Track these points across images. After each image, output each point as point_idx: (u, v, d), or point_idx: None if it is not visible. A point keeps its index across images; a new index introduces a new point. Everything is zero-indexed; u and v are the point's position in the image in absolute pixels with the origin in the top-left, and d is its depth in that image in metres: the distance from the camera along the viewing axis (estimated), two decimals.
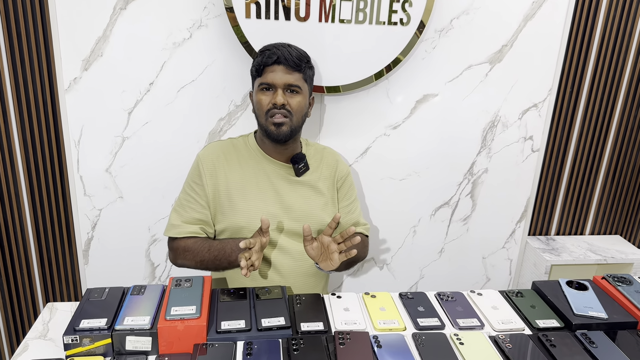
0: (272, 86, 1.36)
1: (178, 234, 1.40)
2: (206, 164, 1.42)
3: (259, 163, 1.44)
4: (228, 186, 1.41)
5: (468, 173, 1.94)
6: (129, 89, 1.66)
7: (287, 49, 1.37)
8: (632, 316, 1.21)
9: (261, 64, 1.36)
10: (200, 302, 1.12)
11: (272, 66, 1.35)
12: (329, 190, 1.50)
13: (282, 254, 1.43)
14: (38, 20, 1.58)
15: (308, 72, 1.41)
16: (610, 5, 1.82)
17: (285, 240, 1.44)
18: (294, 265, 1.44)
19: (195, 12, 1.61)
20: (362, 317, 1.19)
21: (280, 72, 1.35)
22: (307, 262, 1.46)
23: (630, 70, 1.92)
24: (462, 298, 1.29)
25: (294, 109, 1.37)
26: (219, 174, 1.41)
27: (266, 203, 1.42)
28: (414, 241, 2.02)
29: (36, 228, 1.81)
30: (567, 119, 1.97)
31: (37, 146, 1.72)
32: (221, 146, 1.46)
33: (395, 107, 1.81)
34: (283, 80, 1.35)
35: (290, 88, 1.37)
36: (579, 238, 2.17)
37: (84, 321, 1.07)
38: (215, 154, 1.43)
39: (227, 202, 1.41)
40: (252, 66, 1.40)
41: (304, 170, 1.46)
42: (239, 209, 1.40)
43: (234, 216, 1.40)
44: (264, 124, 1.38)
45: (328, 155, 1.54)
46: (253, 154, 1.45)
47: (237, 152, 1.45)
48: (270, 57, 1.34)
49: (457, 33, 1.74)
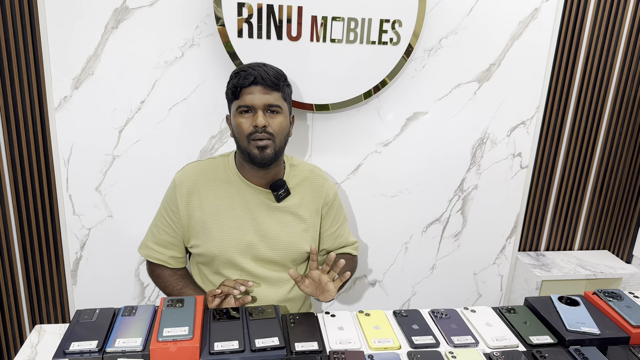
0: (251, 108, 1.30)
1: (147, 257, 1.46)
2: (182, 190, 1.38)
3: (237, 188, 1.39)
4: (203, 212, 1.37)
5: (458, 189, 1.96)
6: (119, 107, 1.66)
7: (262, 68, 1.31)
8: (623, 331, 1.22)
9: (237, 86, 1.30)
10: (193, 322, 1.10)
11: (249, 87, 1.29)
12: (311, 215, 1.45)
13: (257, 282, 1.42)
14: (28, 38, 1.58)
15: (287, 90, 1.36)
16: (595, 24, 1.87)
17: (259, 269, 1.41)
18: (268, 292, 1.42)
19: (187, 31, 1.61)
20: (357, 335, 1.18)
21: (258, 93, 1.29)
22: (283, 288, 1.45)
23: (614, 87, 1.97)
24: (455, 315, 1.29)
25: (275, 130, 1.31)
26: (193, 199, 1.38)
27: (241, 231, 1.38)
28: (406, 258, 2.02)
29: (23, 247, 1.78)
30: (554, 136, 2.00)
31: (26, 165, 1.70)
32: (198, 168, 1.41)
33: (386, 124, 1.82)
34: (262, 101, 1.29)
35: (270, 108, 1.31)
36: (568, 253, 2.18)
37: (74, 344, 1.05)
38: (192, 177, 1.39)
39: (202, 228, 1.38)
40: (227, 89, 1.34)
41: (285, 195, 1.40)
42: (212, 236, 1.37)
43: (207, 244, 1.38)
44: (246, 147, 1.31)
45: (314, 177, 1.48)
46: (231, 178, 1.40)
47: (214, 176, 1.40)
48: (246, 78, 1.28)
49: (446, 52, 1.77)
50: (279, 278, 1.44)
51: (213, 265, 1.42)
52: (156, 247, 1.44)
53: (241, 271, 1.40)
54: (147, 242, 1.46)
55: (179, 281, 1.43)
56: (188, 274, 1.49)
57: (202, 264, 1.45)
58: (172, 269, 1.46)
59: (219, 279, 1.42)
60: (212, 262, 1.41)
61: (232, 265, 1.40)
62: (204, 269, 1.46)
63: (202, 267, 1.46)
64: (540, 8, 1.77)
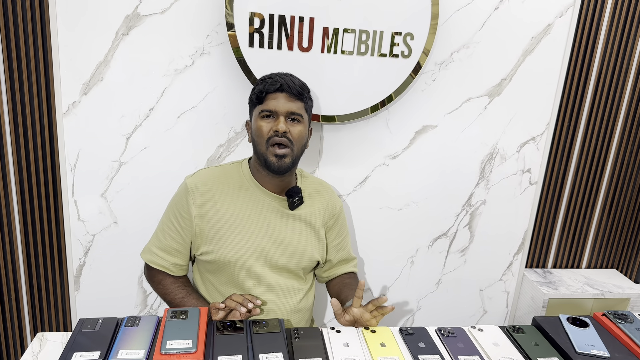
0: (274, 113, 1.33)
1: (151, 263, 1.43)
2: (195, 195, 1.37)
3: (253, 194, 1.39)
4: (218, 218, 1.36)
5: (466, 204, 1.94)
6: (128, 114, 1.65)
7: (289, 77, 1.35)
8: (634, 355, 1.19)
9: (263, 91, 1.33)
10: (197, 335, 1.08)
11: (274, 93, 1.32)
12: (321, 225, 1.46)
13: (269, 291, 1.40)
14: (39, 43, 1.58)
15: (309, 103, 1.40)
16: (608, 41, 1.86)
17: (273, 276, 1.40)
18: (279, 303, 1.41)
19: (198, 40, 1.61)
20: (362, 353, 1.16)
21: (282, 100, 1.32)
22: (293, 298, 1.43)
23: (627, 105, 1.95)
24: (462, 334, 1.27)
25: (295, 137, 1.34)
26: (208, 205, 1.37)
27: (257, 237, 1.37)
28: (411, 272, 2.00)
29: (27, 252, 1.77)
30: (564, 153, 1.99)
31: (32, 169, 1.69)
32: (212, 174, 1.41)
33: (395, 137, 1.81)
34: (285, 108, 1.32)
35: (292, 116, 1.34)
36: (575, 271, 2.16)
37: (76, 354, 1.03)
38: (205, 183, 1.38)
39: (215, 234, 1.36)
40: (252, 93, 1.37)
41: (298, 204, 1.41)
42: (227, 242, 1.36)
43: (221, 250, 1.36)
44: (264, 153, 1.33)
45: (323, 189, 1.50)
46: (246, 184, 1.40)
47: (228, 182, 1.40)
48: (273, 85, 1.32)
49: (457, 66, 1.76)
50: (290, 287, 1.43)
51: (224, 274, 1.39)
52: (160, 253, 1.42)
53: (255, 279, 1.38)
54: (151, 247, 1.44)
55: (180, 289, 1.41)
56: (189, 282, 1.47)
57: (210, 272, 1.42)
58: (173, 276, 1.44)
59: (229, 289, 1.40)
60: (223, 270, 1.39)
61: (247, 272, 1.38)
62: (212, 279, 1.43)
63: (210, 276, 1.43)
64: (553, 24, 1.76)
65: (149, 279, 1.48)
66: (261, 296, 1.39)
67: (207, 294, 1.45)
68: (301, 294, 1.46)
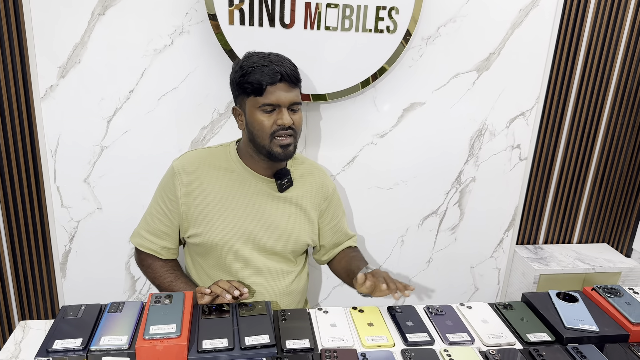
0: (276, 106, 1.26)
1: (139, 246, 1.42)
2: (181, 177, 1.34)
3: (240, 176, 1.36)
4: (204, 200, 1.34)
5: (456, 182, 1.92)
6: (107, 97, 1.61)
7: (283, 62, 1.26)
8: (623, 329, 1.19)
9: (262, 83, 1.23)
10: (181, 320, 1.07)
11: (274, 85, 1.24)
12: (312, 209, 1.44)
13: (257, 274, 1.39)
14: (12, 25, 1.53)
15: (300, 84, 1.34)
16: (597, 13, 1.82)
17: (260, 259, 1.38)
18: (268, 286, 1.40)
19: (177, 18, 1.56)
20: (350, 333, 1.15)
21: (283, 91, 1.25)
22: (283, 281, 1.42)
23: (617, 77, 1.93)
24: (451, 311, 1.26)
25: (297, 125, 1.30)
26: (194, 187, 1.34)
27: (244, 220, 1.35)
28: (402, 251, 1.99)
29: (11, 241, 1.74)
30: (554, 127, 1.96)
31: (12, 156, 1.65)
32: (199, 156, 1.38)
33: (382, 115, 1.78)
34: (288, 99, 1.26)
35: (293, 106, 1.29)
36: (566, 247, 2.16)
37: (57, 341, 1.02)
38: (192, 166, 1.35)
39: (202, 217, 1.34)
40: (246, 83, 1.25)
41: (288, 186, 1.38)
42: (214, 224, 1.34)
43: (208, 232, 1.34)
44: (267, 145, 1.28)
45: (315, 172, 1.46)
46: (234, 166, 1.37)
47: (216, 164, 1.37)
48: (273, 76, 1.23)
49: (444, 41, 1.72)
50: (280, 270, 1.42)
51: (212, 257, 1.38)
52: (149, 236, 1.40)
53: (242, 262, 1.37)
54: (140, 230, 1.43)
55: (169, 273, 1.40)
56: (179, 266, 1.46)
57: (199, 255, 1.41)
58: (162, 260, 1.42)
59: (218, 273, 1.39)
60: (211, 253, 1.37)
61: (234, 254, 1.36)
62: (201, 262, 1.42)
63: (200, 259, 1.42)
64: None
65: (139, 263, 1.46)
66: (249, 279, 1.38)
67: (197, 277, 1.44)
68: (291, 277, 1.44)
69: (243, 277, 1.38)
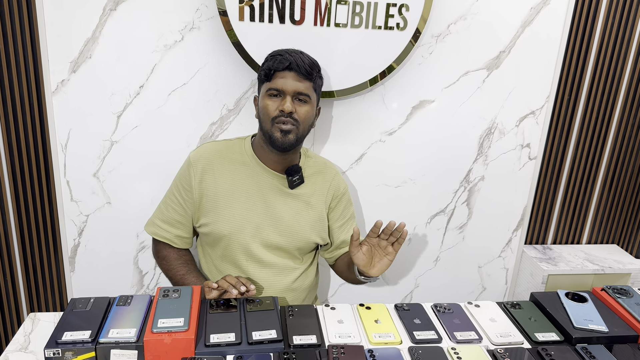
0: (281, 92, 1.31)
1: (153, 235, 1.45)
2: (196, 167, 1.38)
3: (252, 170, 1.39)
4: (216, 191, 1.37)
5: (464, 181, 1.91)
6: (118, 92, 1.62)
7: (299, 55, 1.32)
8: (633, 329, 1.18)
9: (271, 69, 1.30)
10: (189, 313, 1.07)
11: (282, 72, 1.30)
12: (322, 207, 1.45)
13: (262, 268, 1.40)
14: (25, 21, 1.54)
15: (318, 82, 1.37)
16: (609, 11, 1.81)
17: (266, 254, 1.40)
18: (273, 280, 1.41)
19: (187, 14, 1.57)
20: (357, 329, 1.15)
21: (290, 79, 1.30)
22: (287, 277, 1.43)
23: (628, 77, 1.91)
24: (459, 310, 1.26)
25: (301, 118, 1.32)
26: (207, 177, 1.37)
27: (253, 213, 1.37)
28: (409, 250, 1.98)
29: (21, 234, 1.76)
30: (564, 127, 1.95)
31: (23, 150, 1.67)
32: (215, 148, 1.41)
33: (391, 112, 1.78)
34: (293, 88, 1.30)
35: (299, 97, 1.32)
36: (575, 247, 2.14)
37: (66, 333, 1.03)
38: (207, 157, 1.39)
39: (212, 207, 1.37)
40: (261, 70, 1.35)
41: (298, 183, 1.40)
42: (223, 216, 1.37)
43: (217, 223, 1.37)
44: (269, 130, 1.32)
45: (327, 170, 1.48)
46: (247, 160, 1.40)
47: (230, 156, 1.40)
48: (282, 63, 1.29)
49: (454, 39, 1.71)
50: (285, 266, 1.43)
51: (219, 247, 1.40)
52: (163, 225, 1.43)
53: (247, 255, 1.39)
54: (154, 219, 1.46)
55: (182, 266, 1.42)
56: (192, 259, 1.48)
57: (209, 245, 1.44)
58: (178, 251, 1.45)
59: (225, 265, 1.41)
60: (219, 243, 1.40)
61: (240, 247, 1.38)
62: (210, 252, 1.44)
63: (209, 249, 1.45)
64: None
65: (155, 254, 1.49)
66: (253, 273, 1.39)
67: (206, 268, 1.47)
68: (296, 274, 1.45)
69: (247, 269, 1.39)
